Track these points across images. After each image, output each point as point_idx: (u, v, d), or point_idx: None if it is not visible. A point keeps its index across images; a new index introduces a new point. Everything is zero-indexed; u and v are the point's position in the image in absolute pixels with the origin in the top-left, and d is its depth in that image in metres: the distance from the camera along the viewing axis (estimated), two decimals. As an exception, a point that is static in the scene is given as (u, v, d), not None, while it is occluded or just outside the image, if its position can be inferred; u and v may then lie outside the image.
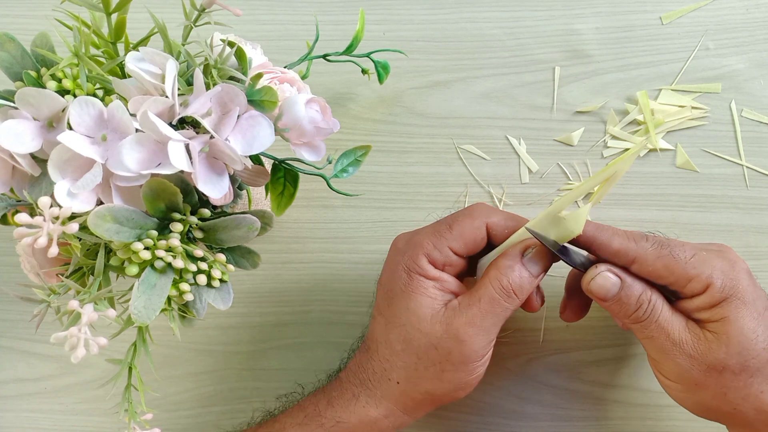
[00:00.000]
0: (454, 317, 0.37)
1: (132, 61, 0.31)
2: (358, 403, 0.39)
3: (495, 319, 0.37)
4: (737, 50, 0.50)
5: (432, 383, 0.38)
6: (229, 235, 0.33)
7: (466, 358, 0.37)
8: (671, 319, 0.36)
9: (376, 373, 0.39)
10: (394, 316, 0.38)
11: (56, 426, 0.49)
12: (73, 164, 0.30)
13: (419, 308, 0.37)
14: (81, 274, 0.33)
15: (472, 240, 0.38)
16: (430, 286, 0.38)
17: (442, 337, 0.37)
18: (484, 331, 0.37)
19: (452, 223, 0.39)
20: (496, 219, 0.39)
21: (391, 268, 0.39)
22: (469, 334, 0.37)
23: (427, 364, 0.37)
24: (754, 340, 0.35)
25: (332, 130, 0.36)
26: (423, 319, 0.37)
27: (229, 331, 0.49)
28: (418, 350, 0.37)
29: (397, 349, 0.38)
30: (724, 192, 0.48)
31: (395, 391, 0.39)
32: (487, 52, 0.51)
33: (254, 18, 0.51)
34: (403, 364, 0.38)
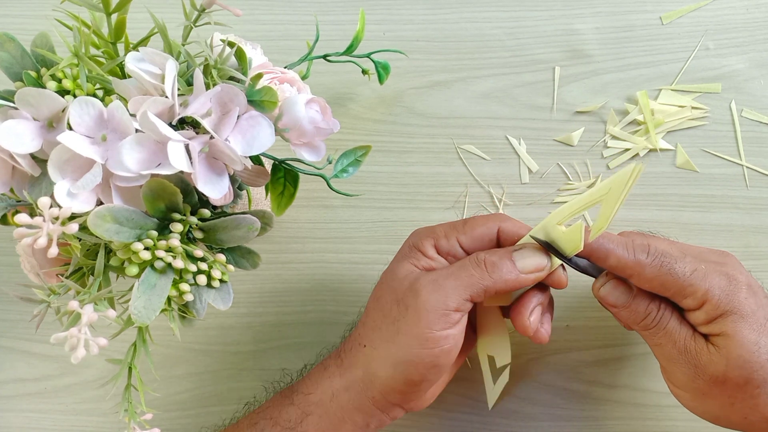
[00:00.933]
0: (420, 276, 0.37)
1: (132, 61, 0.31)
2: (325, 373, 0.39)
3: (456, 282, 0.36)
4: (737, 50, 0.50)
5: (387, 346, 0.37)
6: (229, 236, 0.33)
7: (419, 315, 0.35)
8: (678, 329, 0.37)
9: (350, 341, 0.40)
10: (379, 282, 0.39)
11: (56, 426, 0.49)
12: (73, 164, 0.30)
13: (398, 268, 0.38)
14: (81, 274, 0.33)
15: (481, 238, 0.39)
16: (422, 260, 0.38)
17: (405, 292, 0.37)
18: (444, 291, 0.36)
19: (467, 220, 0.40)
20: (509, 225, 0.39)
21: (401, 249, 0.40)
22: (427, 289, 0.36)
23: (388, 323, 0.37)
24: (756, 352, 0.35)
25: (332, 130, 0.36)
26: (396, 277, 0.38)
27: (229, 331, 0.49)
28: (384, 306, 0.38)
29: (369, 308, 0.39)
30: (724, 192, 0.48)
31: (361, 358, 0.38)
32: (487, 52, 0.51)
33: (254, 18, 0.51)
34: (371, 322, 0.38)
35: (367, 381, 0.38)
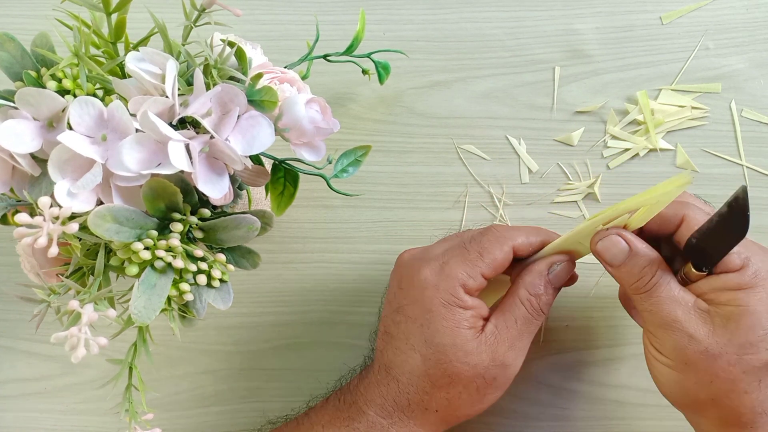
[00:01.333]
0: (497, 344, 0.38)
1: (132, 61, 0.31)
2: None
3: (530, 337, 0.39)
4: (737, 50, 0.50)
5: (473, 407, 0.39)
6: (229, 235, 0.33)
7: (508, 379, 0.39)
8: (679, 296, 0.36)
9: (411, 406, 0.39)
10: (437, 353, 0.38)
11: (56, 426, 0.49)
12: (73, 164, 0.30)
13: (465, 343, 0.38)
14: (81, 274, 0.33)
15: (501, 264, 0.39)
16: (468, 316, 0.38)
17: (488, 366, 0.38)
18: (523, 351, 0.39)
19: (482, 251, 0.39)
20: (521, 240, 0.39)
21: (425, 302, 0.38)
22: (512, 358, 0.38)
23: (471, 392, 0.38)
24: (762, 336, 0.34)
25: (332, 130, 0.36)
26: (469, 353, 0.38)
27: (229, 331, 0.49)
28: (464, 381, 0.38)
29: (441, 384, 0.38)
30: (724, 192, 0.48)
31: (432, 419, 0.40)
32: (487, 52, 0.51)
33: (254, 18, 0.51)
34: (446, 395, 0.39)
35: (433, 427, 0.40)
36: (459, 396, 0.38)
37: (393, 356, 0.40)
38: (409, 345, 0.39)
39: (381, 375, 0.40)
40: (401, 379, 0.39)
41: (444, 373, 0.38)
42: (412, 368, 0.39)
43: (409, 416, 0.39)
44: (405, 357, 0.39)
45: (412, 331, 0.39)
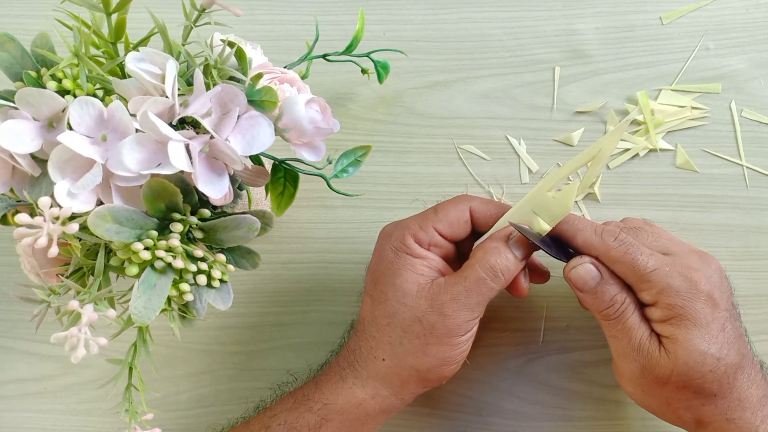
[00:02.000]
0: (439, 293, 0.38)
1: (132, 61, 0.31)
2: (345, 384, 0.40)
3: (479, 298, 0.38)
4: (737, 50, 0.50)
5: (417, 358, 0.39)
6: (229, 236, 0.33)
7: (449, 331, 0.38)
8: (637, 326, 0.38)
9: (363, 353, 0.40)
10: (380, 293, 0.39)
11: (56, 426, 0.49)
12: (73, 164, 0.30)
13: (405, 283, 0.38)
14: (81, 274, 0.33)
15: (456, 221, 0.40)
16: (416, 263, 0.39)
17: (426, 311, 0.38)
18: (468, 307, 0.38)
19: (437, 207, 0.41)
20: (478, 203, 0.41)
21: (379, 251, 0.41)
22: (453, 309, 0.38)
23: (412, 338, 0.38)
24: (701, 363, 0.36)
25: (332, 130, 0.36)
26: (408, 294, 0.38)
27: (229, 331, 0.49)
28: (402, 324, 0.38)
29: (382, 325, 0.39)
30: (724, 192, 0.48)
31: (381, 369, 0.39)
32: (487, 52, 0.51)
33: (254, 18, 0.51)
34: (389, 339, 0.39)
35: (395, 387, 0.40)
36: (401, 341, 0.38)
37: (360, 310, 0.42)
38: (365, 292, 0.41)
39: (353, 329, 0.42)
40: (357, 327, 0.41)
41: (384, 312, 0.39)
42: (364, 313, 0.40)
43: (362, 365, 0.40)
44: (362, 305, 0.41)
45: (368, 279, 0.41)
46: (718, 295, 0.37)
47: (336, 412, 0.40)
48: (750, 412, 0.37)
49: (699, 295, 0.36)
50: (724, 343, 0.36)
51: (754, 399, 0.37)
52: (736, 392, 0.37)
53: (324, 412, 0.40)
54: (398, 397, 0.40)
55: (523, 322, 0.48)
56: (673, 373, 0.36)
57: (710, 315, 0.36)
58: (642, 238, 0.39)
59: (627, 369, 0.39)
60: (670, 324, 0.36)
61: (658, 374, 0.37)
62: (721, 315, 0.37)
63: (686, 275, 0.37)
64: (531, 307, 0.48)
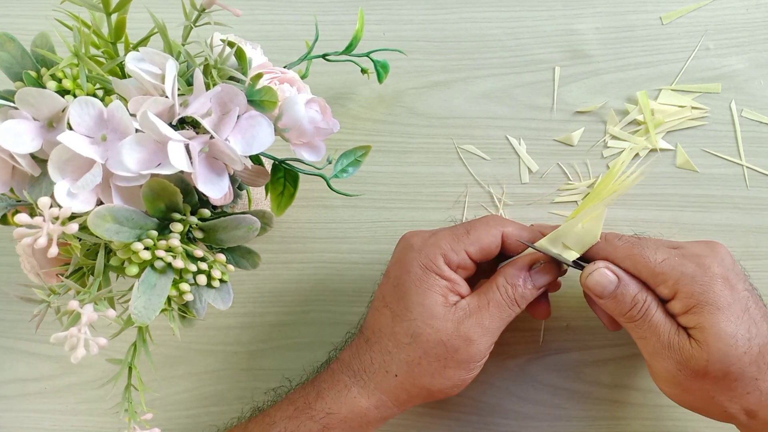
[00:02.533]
0: (465, 317, 0.38)
1: (132, 61, 0.31)
2: (349, 394, 0.40)
3: (500, 323, 0.39)
4: (737, 50, 0.50)
5: (432, 378, 0.39)
6: (229, 235, 0.33)
7: (471, 357, 0.39)
8: (663, 322, 0.37)
9: (374, 365, 0.40)
10: (404, 310, 0.39)
11: (56, 426, 0.49)
12: (73, 164, 0.30)
13: (433, 305, 0.38)
14: (81, 274, 0.33)
15: (488, 246, 0.40)
16: (443, 285, 0.39)
17: (452, 335, 0.38)
18: (490, 333, 0.39)
19: (470, 229, 0.40)
20: (511, 229, 0.40)
21: (405, 263, 0.40)
22: (478, 334, 0.38)
23: (432, 359, 0.38)
24: (733, 345, 0.35)
25: (332, 130, 0.36)
26: (435, 316, 0.38)
27: (229, 331, 0.49)
28: (425, 345, 0.38)
29: (403, 342, 0.39)
30: (724, 192, 0.48)
31: (391, 384, 0.39)
32: (487, 52, 0.51)
33: (254, 18, 0.51)
34: (407, 357, 0.39)
35: (401, 401, 0.40)
36: (419, 361, 0.39)
37: (369, 316, 0.41)
38: (383, 303, 0.40)
39: (357, 337, 0.42)
40: (371, 337, 0.41)
41: (407, 330, 0.39)
42: (381, 325, 0.40)
43: (371, 377, 0.40)
44: (378, 315, 0.40)
45: (389, 289, 0.40)
46: (733, 277, 0.37)
47: (339, 420, 0.40)
48: None
49: (715, 278, 0.36)
50: (751, 323, 0.36)
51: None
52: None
53: (326, 421, 0.40)
54: (400, 408, 0.41)
55: (523, 322, 0.48)
56: (709, 363, 0.36)
57: (730, 296, 0.36)
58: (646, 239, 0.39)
59: (662, 368, 0.38)
60: (693, 313, 0.36)
61: (694, 367, 0.36)
62: (742, 295, 0.36)
63: (697, 261, 0.37)
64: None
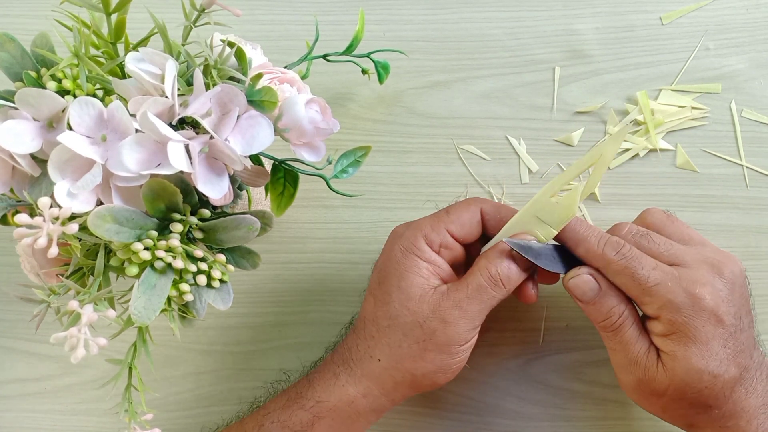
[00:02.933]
0: (441, 299, 0.38)
1: (132, 61, 0.31)
2: (338, 382, 0.40)
3: (481, 306, 0.38)
4: (737, 50, 0.50)
5: (414, 362, 0.39)
6: (229, 236, 0.33)
7: (449, 339, 0.38)
8: (635, 340, 0.38)
9: (359, 352, 0.40)
10: (384, 294, 0.39)
11: (56, 426, 0.49)
12: (73, 164, 0.30)
13: (410, 287, 0.38)
14: (81, 274, 0.33)
15: (468, 222, 0.40)
16: (423, 267, 0.39)
17: (428, 317, 0.38)
18: (469, 315, 0.38)
19: (449, 209, 0.41)
20: (489, 206, 0.41)
21: (388, 250, 0.40)
22: (455, 317, 0.38)
23: (411, 342, 0.38)
24: (697, 380, 0.36)
25: (332, 130, 0.36)
26: (411, 298, 0.38)
27: (229, 331, 0.49)
28: (403, 327, 0.38)
29: (383, 326, 0.39)
30: (724, 192, 0.48)
31: (376, 369, 0.39)
32: (487, 52, 0.51)
33: (254, 18, 0.51)
34: (388, 341, 0.39)
35: (387, 388, 0.40)
36: (399, 344, 0.38)
37: (360, 308, 0.42)
38: (369, 291, 0.41)
39: (349, 328, 0.42)
40: (357, 325, 0.41)
41: (386, 314, 0.39)
42: (366, 312, 0.40)
43: (357, 364, 0.40)
44: (364, 303, 0.41)
45: (374, 277, 0.41)
46: (724, 311, 0.36)
47: (328, 409, 0.40)
48: (745, 420, 0.37)
49: (701, 312, 0.36)
50: (723, 359, 0.36)
51: (751, 409, 0.37)
52: (732, 404, 0.37)
53: (316, 410, 0.40)
54: (389, 397, 0.40)
55: (523, 322, 0.48)
56: (669, 388, 0.37)
57: (712, 332, 0.36)
58: (652, 245, 0.38)
59: (624, 380, 0.39)
60: (671, 340, 0.36)
61: (655, 388, 0.37)
62: (725, 330, 0.36)
63: (690, 291, 0.36)
64: (531, 307, 0.48)
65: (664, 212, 0.41)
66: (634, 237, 0.39)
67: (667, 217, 0.41)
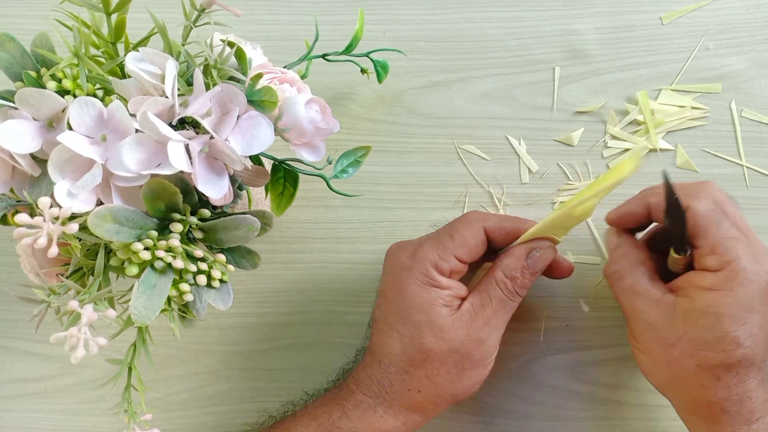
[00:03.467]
0: (471, 320, 0.39)
1: (132, 61, 0.31)
2: (375, 414, 0.40)
3: (506, 317, 0.40)
4: (737, 50, 0.50)
5: (453, 384, 0.39)
6: (229, 236, 0.33)
7: (485, 354, 0.40)
8: (643, 289, 0.38)
9: (394, 386, 0.40)
10: (413, 329, 0.39)
11: (56, 426, 0.49)
12: (73, 164, 0.30)
13: (439, 318, 0.39)
14: (81, 274, 0.33)
15: (474, 245, 0.40)
16: (445, 295, 0.39)
17: (463, 341, 0.39)
18: (498, 328, 0.40)
19: (452, 232, 0.40)
20: (492, 223, 0.41)
21: (400, 283, 0.40)
22: (487, 333, 0.39)
23: (449, 367, 0.39)
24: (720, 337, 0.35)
25: (332, 130, 0.36)
26: (444, 329, 0.39)
27: (229, 331, 0.49)
28: (440, 356, 0.39)
29: (418, 360, 0.39)
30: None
31: (416, 399, 0.40)
32: (487, 52, 0.51)
33: (254, 18, 0.51)
34: (425, 372, 0.39)
35: (428, 413, 0.41)
36: (437, 373, 0.39)
37: (376, 338, 0.41)
38: (387, 325, 0.40)
39: (367, 357, 0.42)
40: (383, 360, 0.40)
41: (419, 349, 0.39)
42: (391, 348, 0.40)
43: (394, 397, 0.40)
44: (384, 338, 0.40)
45: (390, 311, 0.40)
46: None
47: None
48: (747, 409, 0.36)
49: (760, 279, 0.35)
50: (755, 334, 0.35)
51: (758, 401, 0.36)
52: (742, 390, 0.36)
53: None
54: (428, 417, 0.41)
55: (523, 322, 0.48)
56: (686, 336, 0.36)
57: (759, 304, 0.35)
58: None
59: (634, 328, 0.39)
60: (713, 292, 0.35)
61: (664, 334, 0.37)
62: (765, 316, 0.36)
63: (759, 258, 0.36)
64: (531, 307, 0.48)
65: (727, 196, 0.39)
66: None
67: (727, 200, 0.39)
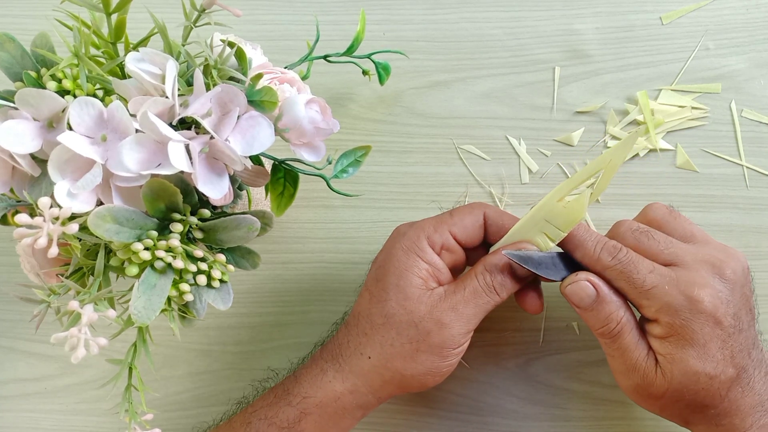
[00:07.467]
0: (438, 301, 0.38)
1: (132, 61, 0.31)
2: (325, 377, 0.40)
3: (476, 309, 0.38)
4: (737, 50, 0.50)
5: (404, 362, 0.38)
6: (229, 236, 0.33)
7: (443, 341, 0.38)
8: (634, 346, 0.37)
9: (350, 348, 0.40)
10: (381, 291, 0.39)
11: (56, 426, 0.49)
12: (73, 164, 0.30)
13: (408, 286, 0.38)
14: (81, 274, 0.33)
15: (471, 226, 0.40)
16: (423, 268, 0.39)
17: (424, 317, 0.38)
18: (465, 318, 0.38)
19: (453, 211, 0.41)
20: (492, 212, 0.41)
21: (389, 247, 0.40)
22: (450, 318, 0.38)
23: (404, 341, 0.38)
24: (694, 382, 0.36)
25: (332, 130, 0.36)
26: (409, 297, 0.38)
27: (229, 331, 0.49)
28: (398, 326, 0.38)
29: (377, 323, 0.39)
30: (724, 192, 0.48)
31: (365, 366, 0.39)
32: (487, 52, 0.51)
33: (254, 18, 0.51)
34: (380, 338, 0.39)
35: (374, 386, 0.40)
36: (391, 343, 0.38)
37: (355, 304, 0.42)
38: (365, 287, 0.41)
39: (343, 322, 0.42)
40: (350, 321, 0.41)
41: (381, 311, 0.39)
42: (360, 307, 0.40)
43: (346, 360, 0.40)
44: (359, 299, 0.41)
45: (371, 274, 0.41)
46: (722, 312, 0.36)
47: (315, 405, 0.39)
48: (739, 418, 0.37)
49: (699, 315, 0.36)
50: (720, 360, 0.36)
51: (746, 407, 0.37)
52: (728, 403, 0.37)
53: (303, 406, 0.40)
54: (375, 395, 0.40)
55: (523, 322, 0.48)
56: (668, 391, 0.37)
57: (710, 334, 0.36)
58: (652, 242, 0.38)
59: (623, 383, 0.39)
60: (669, 342, 0.36)
61: (653, 392, 0.37)
62: (723, 332, 0.36)
63: (687, 293, 0.36)
64: (531, 307, 0.48)
65: (666, 207, 0.41)
66: (634, 234, 0.38)
67: (669, 212, 0.40)
